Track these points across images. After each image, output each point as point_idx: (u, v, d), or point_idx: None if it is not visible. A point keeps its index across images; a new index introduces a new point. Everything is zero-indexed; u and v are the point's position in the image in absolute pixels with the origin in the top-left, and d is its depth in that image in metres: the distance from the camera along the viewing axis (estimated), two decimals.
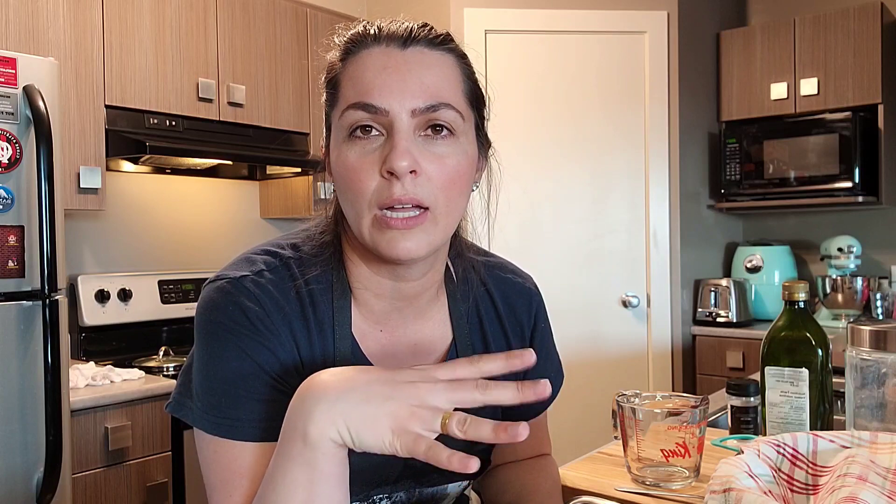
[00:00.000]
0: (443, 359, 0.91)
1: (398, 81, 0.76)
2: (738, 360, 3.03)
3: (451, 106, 0.78)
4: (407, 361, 0.88)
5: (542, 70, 3.02)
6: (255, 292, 0.79)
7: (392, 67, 0.76)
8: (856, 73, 3.01)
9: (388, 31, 0.79)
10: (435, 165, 0.76)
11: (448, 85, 0.79)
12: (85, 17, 2.25)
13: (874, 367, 0.97)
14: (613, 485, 1.02)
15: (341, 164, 0.77)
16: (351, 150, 0.76)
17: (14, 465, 1.74)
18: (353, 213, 0.78)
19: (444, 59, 0.80)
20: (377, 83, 0.76)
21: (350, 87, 0.77)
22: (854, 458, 0.76)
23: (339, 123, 0.78)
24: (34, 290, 1.77)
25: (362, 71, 0.77)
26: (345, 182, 0.77)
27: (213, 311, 0.79)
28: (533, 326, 0.99)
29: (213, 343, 0.78)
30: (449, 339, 0.92)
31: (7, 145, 1.73)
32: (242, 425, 0.77)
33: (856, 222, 3.34)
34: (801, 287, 1.12)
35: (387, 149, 0.75)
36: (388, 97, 0.75)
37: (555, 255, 3.03)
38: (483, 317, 0.94)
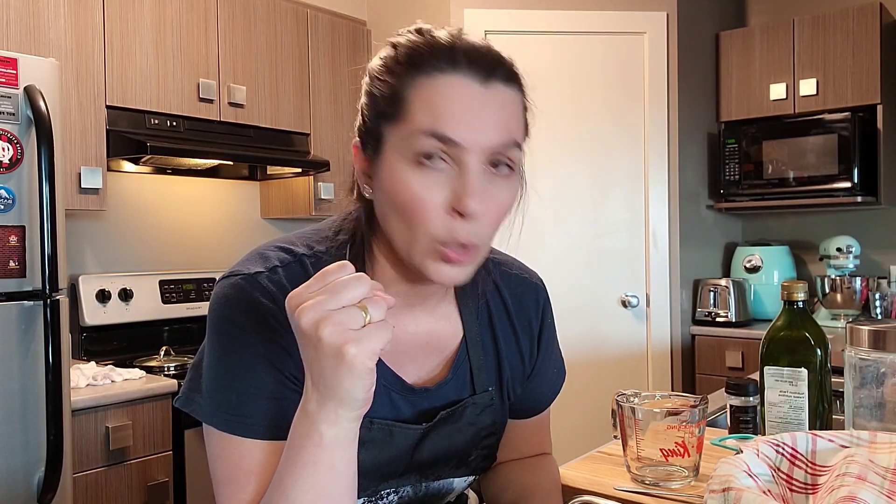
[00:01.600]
0: (454, 355, 0.91)
1: (480, 120, 0.75)
2: (738, 359, 3.04)
3: (519, 144, 0.79)
4: (418, 358, 0.89)
5: (542, 71, 3.02)
6: (269, 289, 0.79)
7: (475, 107, 0.75)
8: (855, 74, 3.02)
9: (468, 60, 0.76)
10: (492, 205, 0.77)
11: (517, 123, 0.80)
12: (86, 17, 2.25)
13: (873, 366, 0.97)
14: (613, 484, 1.02)
15: (403, 186, 0.75)
16: (417, 176, 0.74)
17: (15, 464, 1.74)
18: (407, 236, 0.77)
19: (515, 97, 0.80)
20: (457, 117, 0.74)
21: (425, 112, 0.74)
22: (853, 458, 0.76)
23: (402, 143, 0.75)
24: (35, 290, 1.78)
25: (440, 99, 0.74)
26: (405, 207, 0.75)
27: (227, 306, 0.79)
28: (541, 323, 1.00)
29: (226, 339, 0.78)
30: (459, 336, 0.92)
31: (8, 145, 1.74)
32: (252, 423, 0.77)
33: (855, 222, 3.35)
34: (800, 287, 1.12)
35: (458, 185, 0.74)
36: (468, 134, 0.74)
37: (555, 255, 3.03)
38: (493, 313, 0.95)
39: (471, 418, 0.91)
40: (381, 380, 0.85)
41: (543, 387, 1.03)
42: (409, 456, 0.87)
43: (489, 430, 0.94)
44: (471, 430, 0.91)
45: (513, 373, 0.96)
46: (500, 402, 0.95)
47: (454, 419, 0.89)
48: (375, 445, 0.84)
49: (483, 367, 0.92)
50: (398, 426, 0.85)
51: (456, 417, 0.89)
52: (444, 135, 0.73)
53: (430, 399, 0.88)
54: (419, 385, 0.88)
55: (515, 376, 0.97)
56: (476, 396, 0.91)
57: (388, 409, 0.85)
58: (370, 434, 0.83)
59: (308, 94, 2.87)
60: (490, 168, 0.76)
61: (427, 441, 0.88)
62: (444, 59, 0.75)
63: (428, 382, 0.90)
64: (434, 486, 0.91)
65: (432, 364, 0.90)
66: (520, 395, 0.99)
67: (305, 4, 2.89)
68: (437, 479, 0.91)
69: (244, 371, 0.77)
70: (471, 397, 0.91)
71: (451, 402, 0.90)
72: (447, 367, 0.91)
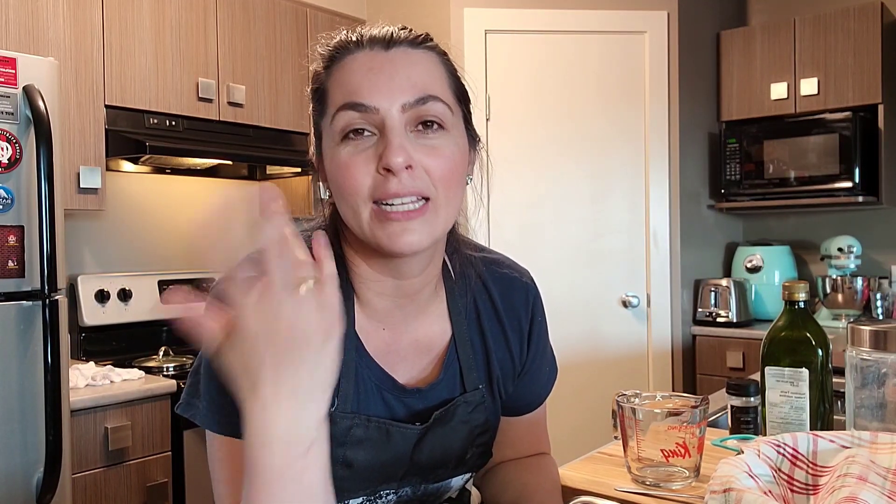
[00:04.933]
0: (443, 354, 0.91)
1: (386, 79, 0.77)
2: (739, 360, 3.03)
3: (440, 99, 0.79)
4: (408, 357, 0.89)
5: (543, 70, 3.02)
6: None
7: (378, 68, 0.78)
8: (856, 73, 3.01)
9: (370, 36, 0.81)
10: (430, 158, 0.78)
11: (434, 80, 0.80)
12: (85, 17, 2.25)
13: (874, 367, 0.97)
14: (613, 485, 1.02)
15: (335, 165, 0.78)
16: (344, 149, 0.78)
17: (14, 465, 1.74)
18: (351, 211, 0.78)
19: (427, 57, 0.82)
20: (365, 83, 0.77)
21: (338, 92, 0.79)
22: (854, 459, 0.76)
23: (330, 129, 0.79)
24: (34, 290, 1.77)
25: (349, 75, 0.79)
26: (340, 181, 0.78)
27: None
28: (531, 321, 0.99)
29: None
30: (448, 335, 0.92)
31: (7, 145, 1.73)
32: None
33: (856, 222, 3.34)
34: (801, 287, 1.12)
35: (381, 146, 0.76)
36: (377, 95, 0.76)
37: (555, 255, 3.03)
38: (481, 312, 0.95)
39: (463, 416, 0.91)
40: (372, 379, 0.85)
41: (536, 385, 1.02)
42: (409, 458, 0.87)
43: (482, 427, 0.93)
44: (464, 428, 0.91)
45: (503, 371, 0.96)
46: (492, 399, 0.95)
47: (447, 418, 0.89)
48: (373, 444, 0.84)
49: (472, 366, 0.92)
50: (395, 426, 0.85)
51: (449, 417, 0.89)
52: (357, 101, 0.77)
53: (423, 400, 0.88)
54: (411, 385, 0.88)
55: (505, 374, 0.97)
56: (467, 395, 0.91)
57: (382, 408, 0.86)
58: (368, 432, 0.83)
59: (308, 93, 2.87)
60: (420, 128, 0.78)
61: (424, 442, 0.88)
62: (352, 44, 0.81)
63: (420, 383, 0.90)
64: (432, 487, 0.91)
65: (423, 364, 0.90)
66: (512, 393, 0.99)
67: (305, 4, 2.88)
68: (436, 481, 0.91)
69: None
70: (461, 396, 0.91)
71: (443, 402, 0.90)
72: (438, 367, 0.91)
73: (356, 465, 0.83)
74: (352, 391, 0.83)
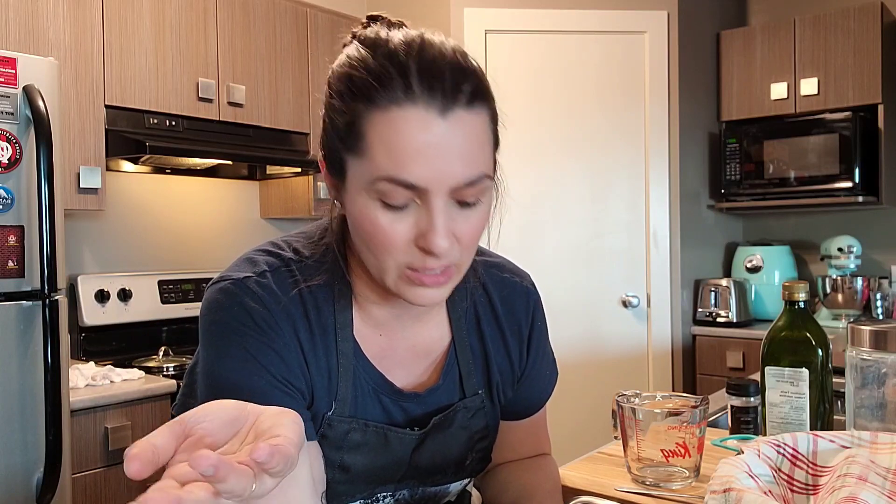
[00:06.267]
0: (442, 359, 0.91)
1: (441, 160, 0.69)
2: (739, 360, 3.03)
3: (488, 175, 0.74)
4: (406, 362, 0.89)
5: (543, 70, 3.02)
6: (258, 293, 0.78)
7: (434, 143, 0.69)
8: (856, 73, 3.01)
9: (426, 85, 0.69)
10: (464, 226, 0.74)
11: (484, 151, 0.74)
12: (85, 17, 2.25)
13: (874, 367, 0.97)
14: (613, 485, 1.02)
15: (369, 222, 0.72)
16: (382, 212, 0.72)
17: (14, 464, 1.74)
18: (377, 264, 0.75)
19: (480, 119, 0.73)
20: (419, 160, 0.69)
21: (382, 153, 0.69)
22: (854, 459, 0.76)
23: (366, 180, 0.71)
24: (34, 290, 1.77)
25: (398, 137, 0.69)
26: (372, 239, 0.73)
27: (217, 311, 0.79)
28: (531, 326, 0.99)
29: (218, 344, 0.78)
30: (447, 341, 0.92)
31: (7, 145, 1.73)
32: None
33: (856, 222, 3.34)
34: (801, 287, 1.12)
35: (423, 222, 0.71)
36: (428, 176, 0.69)
37: (555, 255, 3.03)
38: (481, 317, 0.94)
39: (463, 422, 0.91)
40: (370, 383, 0.84)
41: (535, 389, 1.02)
42: (407, 463, 0.87)
43: (482, 433, 0.93)
44: (464, 434, 0.91)
45: (502, 376, 0.95)
46: (491, 405, 0.95)
47: (446, 424, 0.89)
48: (371, 449, 0.84)
49: (472, 371, 0.92)
50: (393, 430, 0.85)
51: (448, 422, 0.89)
52: (404, 180, 0.69)
53: (422, 404, 0.88)
54: (409, 390, 0.88)
55: (505, 379, 0.96)
56: (466, 400, 0.91)
57: (380, 412, 0.85)
58: (366, 437, 0.83)
59: (307, 93, 2.87)
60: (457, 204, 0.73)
61: (424, 448, 0.88)
62: (399, 89, 0.69)
63: (418, 388, 0.89)
64: (430, 490, 0.91)
65: (420, 369, 0.90)
66: (512, 398, 0.99)
67: (305, 4, 2.88)
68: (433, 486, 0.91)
69: (237, 374, 0.77)
70: (461, 401, 0.91)
71: (442, 408, 0.89)
72: (437, 373, 0.90)
73: (353, 470, 0.83)
74: (349, 395, 0.83)
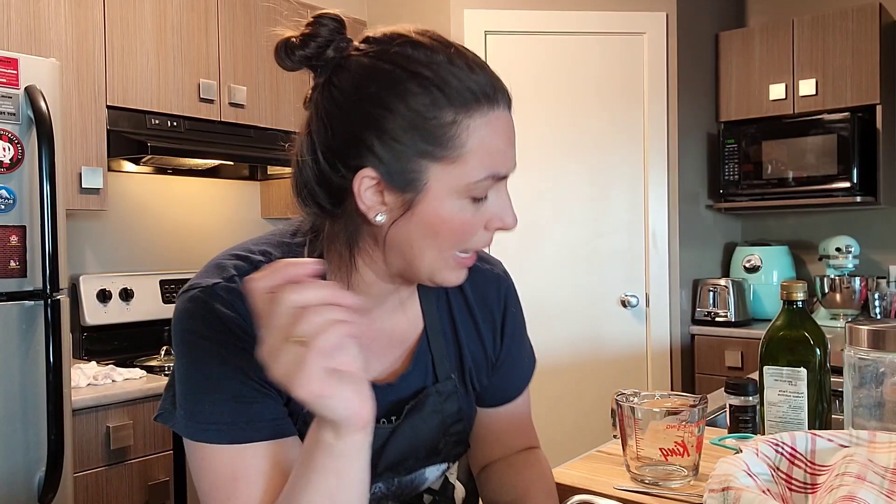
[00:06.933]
0: (414, 347, 0.92)
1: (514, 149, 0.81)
2: (737, 359, 3.04)
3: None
4: (380, 352, 0.90)
5: (542, 71, 3.02)
6: (228, 298, 0.79)
7: (512, 137, 0.81)
8: (854, 74, 3.02)
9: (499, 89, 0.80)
10: None
11: None
12: (86, 17, 2.26)
13: (872, 366, 0.98)
14: (612, 483, 1.03)
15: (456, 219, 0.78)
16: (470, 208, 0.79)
17: (16, 464, 1.74)
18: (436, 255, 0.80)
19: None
20: (509, 153, 0.80)
21: (483, 153, 0.77)
22: (852, 458, 0.76)
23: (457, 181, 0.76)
24: (36, 290, 1.78)
25: (495, 138, 0.78)
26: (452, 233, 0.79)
27: (188, 320, 0.79)
28: (503, 312, 1.01)
29: (192, 351, 0.79)
30: (420, 328, 0.93)
31: (9, 146, 1.74)
32: (228, 429, 0.77)
33: (854, 222, 3.35)
34: (799, 287, 1.12)
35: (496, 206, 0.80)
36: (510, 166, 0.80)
37: (554, 255, 3.04)
38: (453, 305, 0.96)
39: (435, 406, 0.91)
40: None
41: (513, 375, 1.04)
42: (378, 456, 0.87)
43: (455, 417, 0.94)
44: (436, 418, 0.92)
45: (475, 362, 0.97)
46: (464, 390, 0.96)
47: (418, 408, 0.90)
48: None
49: (444, 356, 0.93)
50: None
51: (419, 406, 0.90)
52: (500, 174, 0.79)
53: (395, 392, 0.89)
54: (381, 381, 0.89)
55: (478, 366, 0.98)
56: (438, 385, 0.92)
57: None
58: None
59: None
60: None
61: (397, 435, 0.88)
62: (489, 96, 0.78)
63: (390, 377, 0.90)
64: (406, 480, 0.91)
65: (393, 357, 0.91)
66: (488, 385, 1.00)
67: (306, 5, 2.89)
68: (408, 473, 0.91)
69: (213, 380, 0.78)
70: (433, 385, 0.92)
71: (414, 393, 0.91)
72: (408, 359, 0.92)
73: None
74: None
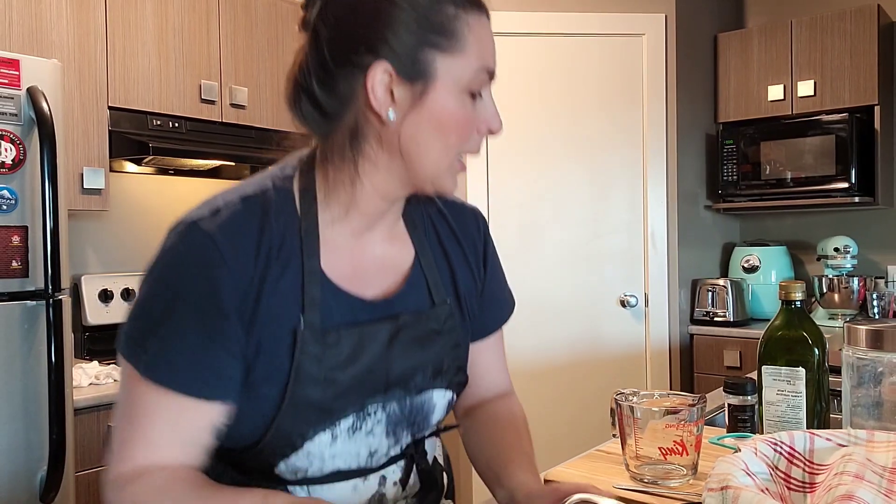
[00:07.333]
0: (407, 273, 0.93)
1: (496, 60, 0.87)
2: (736, 359, 3.05)
3: None
4: (375, 280, 0.90)
5: (542, 72, 3.03)
6: (210, 230, 0.79)
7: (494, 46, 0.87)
8: (852, 75, 3.03)
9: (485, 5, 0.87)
10: None
11: None
12: (88, 18, 2.26)
13: (871, 366, 0.98)
14: (612, 482, 1.03)
15: (458, 113, 0.83)
16: (469, 103, 0.84)
17: (18, 463, 1.75)
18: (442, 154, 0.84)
19: None
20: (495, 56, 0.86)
21: (478, 49, 0.83)
22: (851, 457, 0.77)
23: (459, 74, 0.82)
24: (38, 290, 1.78)
25: (487, 37, 0.85)
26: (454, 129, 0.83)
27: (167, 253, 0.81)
28: (484, 242, 1.04)
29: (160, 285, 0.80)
30: (412, 255, 0.95)
31: (11, 146, 1.74)
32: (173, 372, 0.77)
33: (852, 223, 3.36)
34: (797, 287, 1.13)
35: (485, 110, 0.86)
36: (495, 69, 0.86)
37: (554, 255, 3.05)
38: (440, 232, 0.99)
39: (435, 326, 0.92)
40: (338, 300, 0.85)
41: (494, 306, 1.06)
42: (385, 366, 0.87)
43: (455, 341, 0.95)
44: (437, 337, 0.93)
45: (466, 287, 0.99)
46: (461, 315, 0.97)
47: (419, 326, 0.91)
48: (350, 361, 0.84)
49: (439, 282, 0.95)
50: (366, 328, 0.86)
51: (421, 326, 0.91)
52: (493, 70, 0.85)
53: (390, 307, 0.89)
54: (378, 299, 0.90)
55: (469, 291, 1.00)
56: (436, 308, 0.93)
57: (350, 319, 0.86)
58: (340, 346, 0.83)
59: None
60: None
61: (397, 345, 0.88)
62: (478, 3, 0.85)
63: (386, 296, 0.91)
64: (417, 402, 0.91)
65: (387, 284, 0.91)
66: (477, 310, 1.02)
67: None
68: (419, 393, 0.91)
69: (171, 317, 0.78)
70: (431, 309, 0.93)
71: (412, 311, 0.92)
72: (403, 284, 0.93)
73: (338, 382, 0.83)
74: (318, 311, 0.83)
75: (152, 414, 0.79)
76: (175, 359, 0.78)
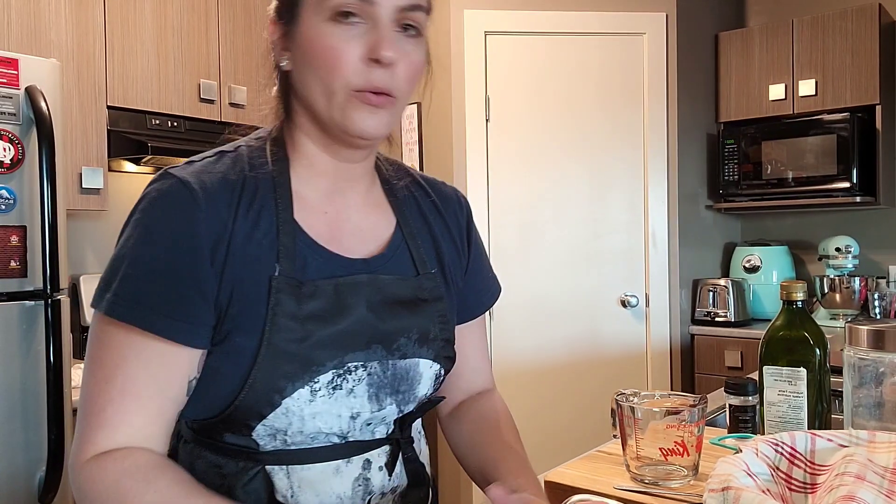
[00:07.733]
0: (387, 242, 0.92)
1: None
2: (737, 359, 3.04)
3: (424, 8, 0.84)
4: (352, 245, 0.89)
5: (542, 72, 3.03)
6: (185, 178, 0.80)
7: None
8: (853, 74, 3.02)
9: None
10: (404, 60, 0.82)
11: None
12: (87, 18, 2.26)
13: (872, 366, 0.98)
14: (612, 483, 1.03)
15: (320, 44, 0.80)
16: (335, 30, 0.79)
17: (16, 464, 1.75)
18: (324, 90, 0.81)
19: None
20: None
21: None
22: (852, 457, 0.77)
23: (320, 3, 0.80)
24: (36, 290, 1.78)
25: None
26: (324, 60, 0.80)
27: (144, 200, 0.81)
28: (467, 220, 1.04)
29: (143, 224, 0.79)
30: (393, 225, 0.94)
31: (9, 146, 1.74)
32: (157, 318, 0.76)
33: (853, 222, 3.36)
34: (798, 287, 1.13)
35: (372, 38, 0.79)
36: None
37: (554, 255, 3.04)
38: (422, 204, 0.99)
39: (420, 294, 0.92)
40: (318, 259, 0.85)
41: (480, 287, 1.06)
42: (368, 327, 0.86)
43: (442, 310, 0.94)
44: (424, 305, 0.92)
45: (451, 259, 0.99)
46: (446, 286, 0.96)
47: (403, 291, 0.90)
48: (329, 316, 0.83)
49: (422, 252, 0.95)
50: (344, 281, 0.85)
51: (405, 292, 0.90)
52: None
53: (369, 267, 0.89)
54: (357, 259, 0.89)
55: (453, 262, 0.99)
56: (421, 277, 0.92)
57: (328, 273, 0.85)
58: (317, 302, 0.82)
59: None
60: (399, 29, 0.82)
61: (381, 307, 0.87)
62: None
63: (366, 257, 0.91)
64: (402, 367, 0.89)
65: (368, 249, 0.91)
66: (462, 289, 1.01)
67: None
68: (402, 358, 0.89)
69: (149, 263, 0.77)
70: (416, 277, 0.92)
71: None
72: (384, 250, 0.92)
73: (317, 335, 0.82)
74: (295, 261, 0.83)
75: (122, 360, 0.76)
76: (142, 297, 0.76)
